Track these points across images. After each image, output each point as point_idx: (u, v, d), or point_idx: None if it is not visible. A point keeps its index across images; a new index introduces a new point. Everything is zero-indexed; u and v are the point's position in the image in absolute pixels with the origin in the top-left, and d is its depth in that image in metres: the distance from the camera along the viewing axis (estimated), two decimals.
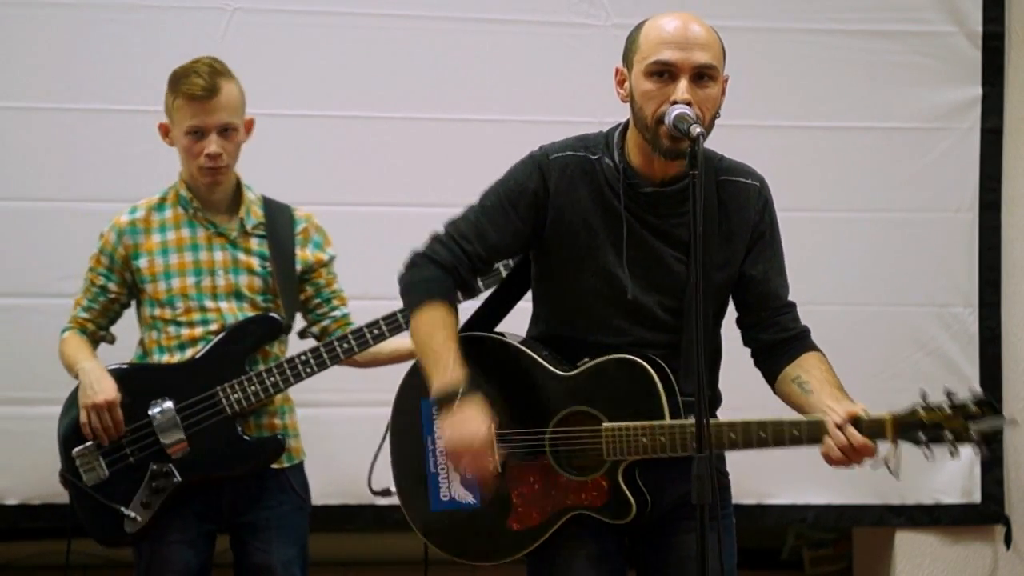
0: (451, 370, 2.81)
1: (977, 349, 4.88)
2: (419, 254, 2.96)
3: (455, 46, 4.69)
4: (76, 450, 3.51)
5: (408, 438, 2.98)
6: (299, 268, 3.64)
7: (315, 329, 3.69)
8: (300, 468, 3.67)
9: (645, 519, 2.92)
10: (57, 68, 4.53)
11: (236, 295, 3.57)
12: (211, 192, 3.58)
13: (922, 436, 2.77)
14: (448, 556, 3.00)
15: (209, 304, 3.55)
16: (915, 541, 4.93)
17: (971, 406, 2.76)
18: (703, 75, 2.82)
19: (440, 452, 2.94)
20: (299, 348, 3.63)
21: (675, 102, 2.78)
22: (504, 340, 2.95)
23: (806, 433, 2.80)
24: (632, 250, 2.89)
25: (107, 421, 3.46)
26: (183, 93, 3.49)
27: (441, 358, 2.83)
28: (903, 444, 2.78)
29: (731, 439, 2.82)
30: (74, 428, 3.52)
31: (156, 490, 3.49)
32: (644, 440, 2.83)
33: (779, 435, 2.81)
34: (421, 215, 4.63)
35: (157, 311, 3.57)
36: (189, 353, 3.54)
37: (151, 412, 3.49)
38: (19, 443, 4.47)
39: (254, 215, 3.62)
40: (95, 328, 3.63)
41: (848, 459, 2.77)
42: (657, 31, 2.84)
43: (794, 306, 3.04)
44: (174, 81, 3.53)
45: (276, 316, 3.58)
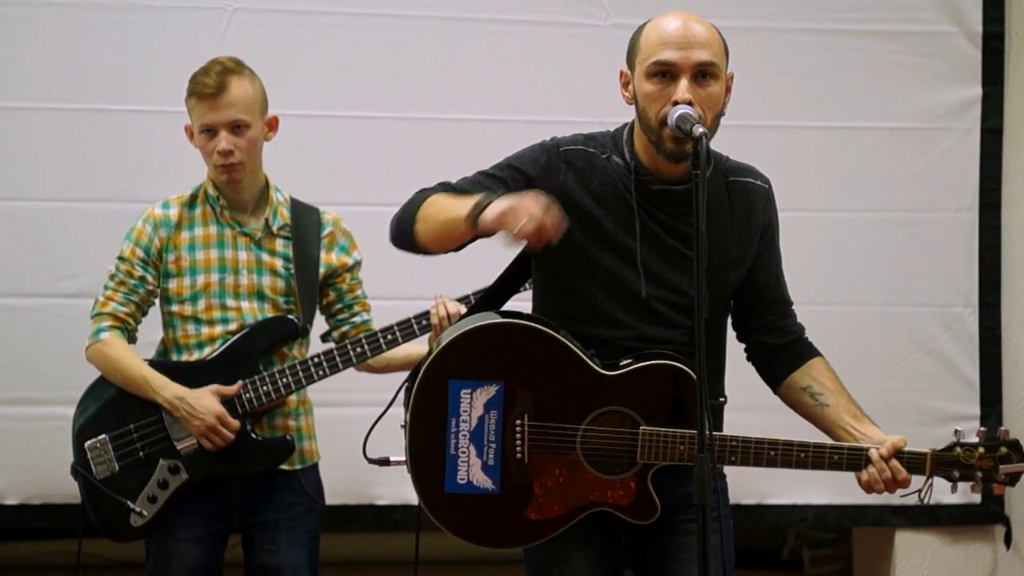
0: (473, 200, 2.75)
1: (977, 349, 4.88)
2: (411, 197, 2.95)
3: (455, 46, 4.69)
4: (88, 443, 3.52)
5: (431, 416, 2.93)
6: (323, 271, 3.65)
7: (335, 334, 3.70)
8: (314, 470, 3.68)
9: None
10: (57, 68, 4.53)
11: (258, 295, 3.58)
12: (237, 192, 3.59)
13: (956, 474, 2.92)
14: (453, 535, 2.98)
15: (231, 303, 3.56)
16: (915, 541, 4.93)
17: (1003, 448, 2.92)
18: (704, 73, 2.81)
19: (463, 435, 2.92)
20: (319, 349, 3.64)
21: (676, 102, 2.78)
22: (551, 334, 2.91)
23: (847, 460, 2.89)
24: (645, 246, 2.89)
25: (229, 435, 3.47)
26: (194, 92, 3.54)
27: (461, 202, 2.78)
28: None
29: (770, 457, 2.88)
30: (90, 422, 3.54)
31: (163, 485, 3.50)
32: (682, 448, 2.85)
33: (819, 459, 2.89)
34: None
35: (176, 307, 3.58)
36: (207, 351, 3.55)
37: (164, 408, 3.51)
38: (19, 443, 4.47)
39: (281, 216, 3.63)
40: (134, 325, 3.60)
41: (884, 489, 2.88)
42: (657, 32, 2.84)
43: (793, 305, 3.06)
44: (190, 82, 3.57)
45: (293, 318, 3.59)
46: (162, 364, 3.58)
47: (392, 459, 3.05)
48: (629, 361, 2.89)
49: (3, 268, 4.51)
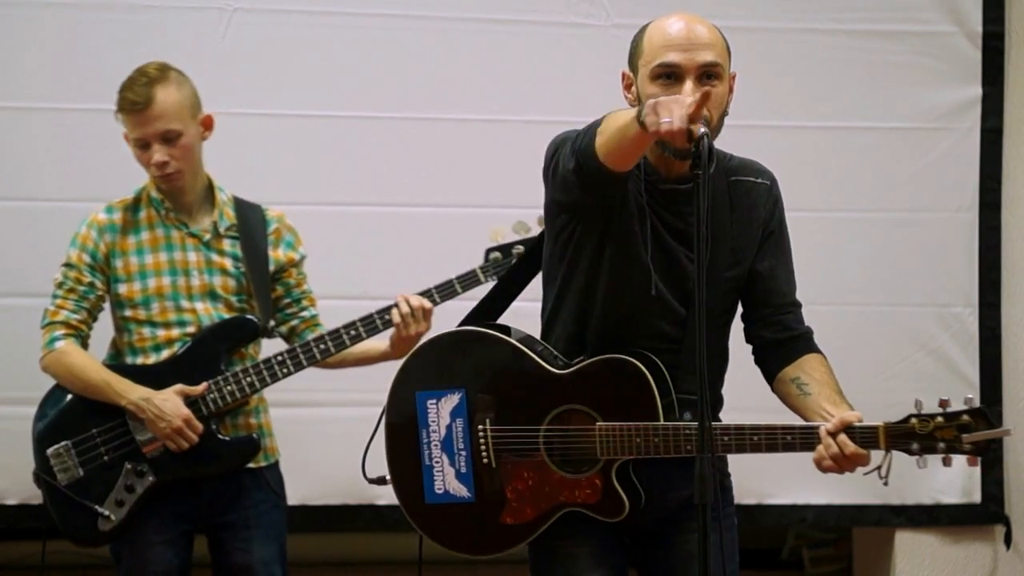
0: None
1: (977, 349, 4.88)
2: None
3: (455, 46, 4.69)
4: (50, 450, 3.52)
5: (403, 431, 2.98)
6: (271, 268, 3.64)
7: (283, 328, 3.69)
8: (276, 467, 3.68)
9: (648, 519, 2.93)
10: (57, 68, 4.53)
11: (211, 295, 3.57)
12: (180, 195, 3.58)
13: (915, 446, 2.80)
14: (440, 547, 3.00)
15: (185, 304, 3.55)
16: (915, 541, 4.93)
17: (965, 417, 2.77)
18: (709, 74, 2.81)
19: (435, 444, 2.95)
20: (271, 347, 3.63)
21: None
22: (499, 336, 2.95)
23: (800, 439, 2.81)
24: (653, 245, 2.89)
25: (193, 437, 3.46)
26: (121, 108, 3.54)
27: (632, 110, 2.71)
28: (896, 452, 2.80)
29: (724, 443, 2.83)
30: (50, 429, 3.54)
31: (130, 489, 3.49)
32: (638, 440, 2.84)
33: (772, 440, 2.81)
34: (422, 215, 4.68)
35: (129, 312, 3.56)
36: (165, 354, 3.54)
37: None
38: (19, 443, 4.43)
39: (227, 217, 3.62)
40: (87, 332, 3.59)
41: (839, 466, 2.78)
42: (660, 33, 2.83)
43: (799, 306, 3.04)
44: (117, 95, 3.56)
45: (254, 318, 3.59)
46: (122, 367, 3.56)
47: (388, 477, 3.05)
48: (581, 358, 2.90)
49: (3, 268, 4.51)
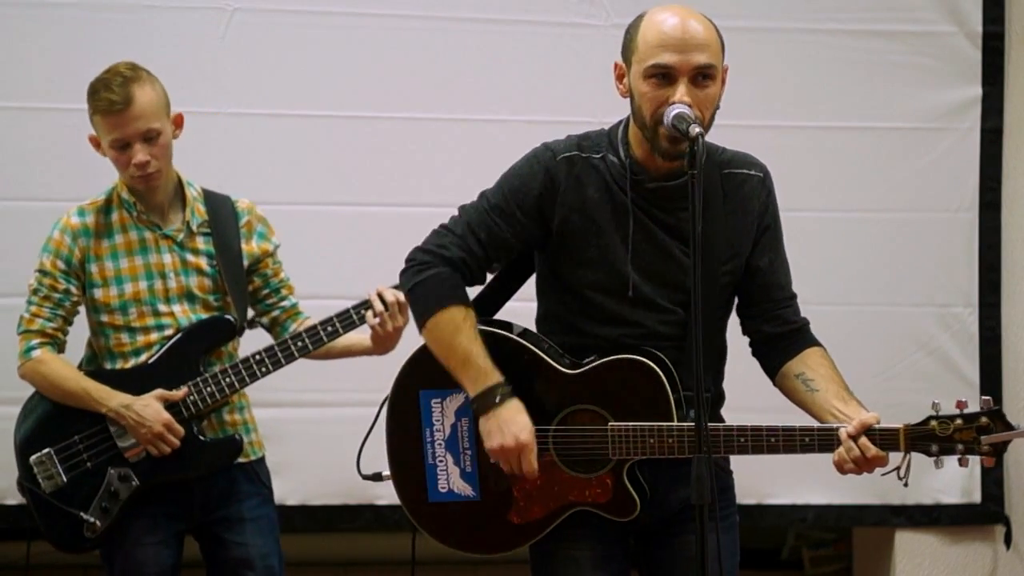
0: (484, 373, 2.83)
1: (977, 349, 4.88)
2: (425, 250, 2.93)
3: (455, 46, 4.69)
4: (33, 458, 3.49)
5: (406, 429, 2.97)
6: (246, 262, 3.61)
7: (264, 320, 3.66)
8: (263, 461, 3.67)
9: (651, 519, 2.92)
10: (57, 68, 4.53)
11: (188, 297, 3.55)
12: (152, 195, 3.55)
13: (934, 448, 2.82)
14: (442, 545, 2.99)
15: (163, 308, 3.52)
16: (915, 541, 4.93)
17: (983, 419, 2.81)
18: (703, 75, 2.80)
19: (439, 444, 2.93)
20: (250, 339, 3.62)
21: (673, 103, 2.77)
22: (506, 335, 2.94)
23: (818, 441, 2.82)
24: (639, 245, 2.88)
25: (175, 441, 3.45)
26: (99, 109, 3.47)
27: (470, 363, 2.84)
28: (914, 453, 2.82)
29: (740, 444, 2.83)
30: (31, 436, 3.51)
31: (114, 494, 3.47)
32: (652, 441, 2.84)
33: (791, 442, 2.82)
34: (421, 215, 4.62)
35: (106, 317, 3.53)
36: (144, 358, 3.52)
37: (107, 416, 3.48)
38: None
39: (198, 213, 3.58)
40: (63, 339, 3.56)
41: (860, 469, 2.80)
42: (655, 32, 2.82)
43: (796, 298, 3.03)
44: (90, 95, 3.50)
45: (230, 317, 3.56)
46: (101, 373, 3.53)
47: (384, 474, 3.05)
48: (592, 358, 2.89)
49: (3, 268, 4.50)
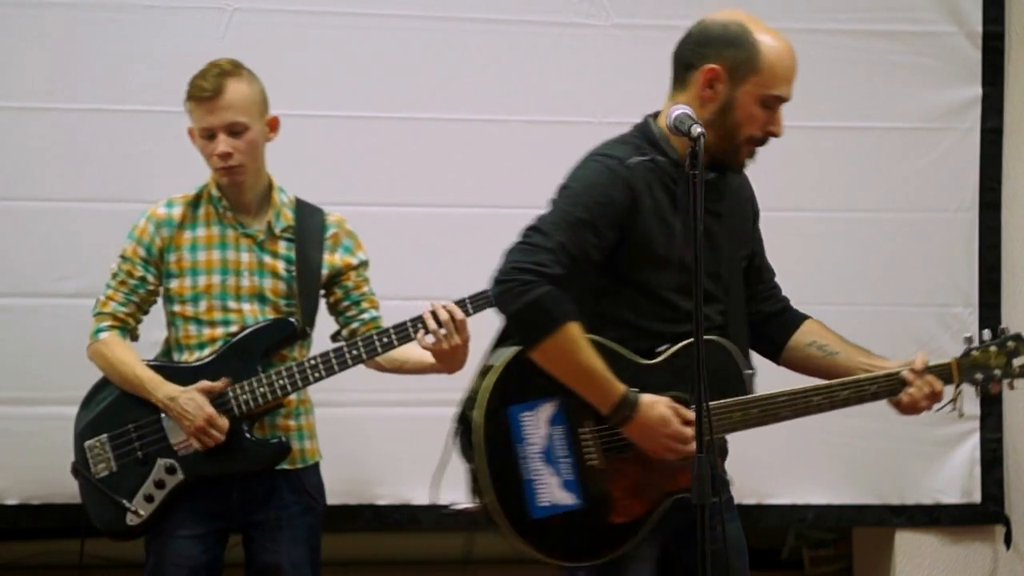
0: (611, 385, 2.89)
1: None
2: (524, 268, 2.87)
3: (455, 46, 4.69)
4: (88, 443, 3.53)
5: (499, 449, 2.95)
6: (326, 273, 3.64)
7: (344, 332, 3.68)
8: (315, 469, 3.67)
9: (684, 515, 2.95)
10: (57, 68, 4.53)
11: (259, 298, 3.58)
12: (239, 193, 3.59)
13: (979, 376, 3.06)
14: (552, 561, 2.97)
15: (232, 304, 3.56)
16: (915, 541, 4.93)
17: (1011, 343, 3.07)
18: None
19: (534, 457, 2.93)
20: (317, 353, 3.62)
21: (773, 134, 2.97)
22: (598, 339, 2.96)
23: (885, 388, 3.01)
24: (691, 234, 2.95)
25: (219, 436, 3.46)
26: (192, 96, 3.54)
27: (594, 377, 2.89)
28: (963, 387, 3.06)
29: (816, 403, 2.97)
30: (91, 422, 3.55)
31: (160, 485, 3.50)
32: (737, 415, 2.94)
33: (860, 393, 3.00)
34: (422, 215, 4.68)
35: (178, 307, 3.58)
36: (207, 352, 3.55)
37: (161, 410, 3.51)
38: (19, 443, 4.47)
39: (284, 218, 3.62)
40: (134, 324, 3.61)
41: (926, 404, 3.02)
42: (782, 65, 2.98)
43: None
44: (188, 85, 3.56)
45: (292, 320, 3.58)
46: (163, 365, 3.58)
47: (459, 507, 3.04)
48: (666, 346, 2.95)
49: (3, 268, 4.51)
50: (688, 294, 2.86)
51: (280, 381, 3.52)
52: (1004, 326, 3.11)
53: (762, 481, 4.72)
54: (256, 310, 3.57)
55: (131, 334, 3.61)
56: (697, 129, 2.72)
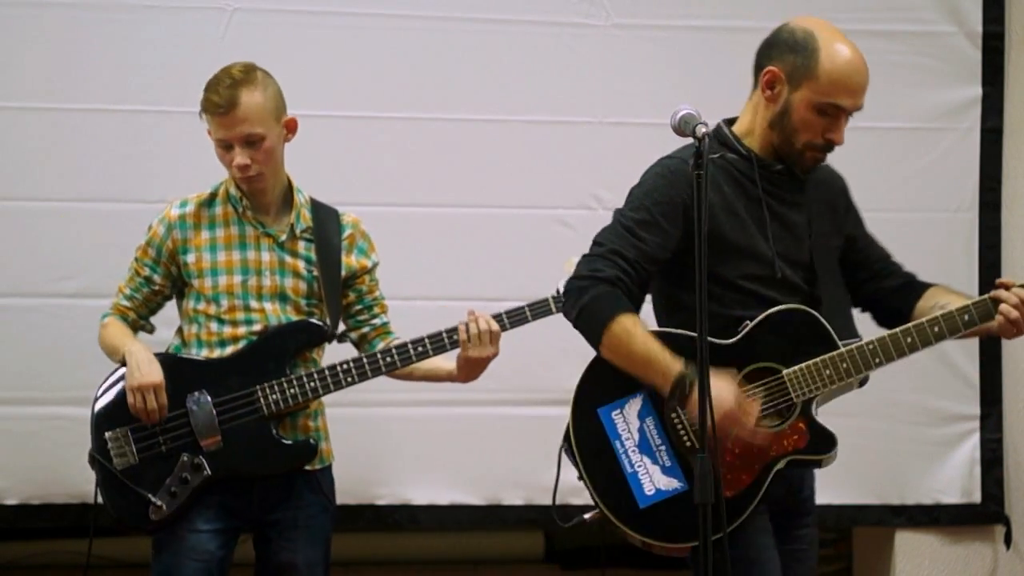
0: (668, 365, 2.93)
1: (977, 349, 4.88)
2: (579, 277, 3.02)
3: (455, 46, 4.69)
4: (109, 433, 3.50)
5: (597, 452, 3.03)
6: (344, 274, 3.64)
7: (354, 335, 3.69)
8: (329, 470, 3.68)
9: (784, 506, 3.08)
10: (57, 68, 4.53)
11: (281, 297, 3.58)
12: (261, 195, 3.59)
13: None
14: (669, 546, 3.02)
15: (254, 304, 3.56)
16: (915, 541, 4.93)
17: None
18: (857, 111, 3.06)
19: (632, 451, 3.01)
20: (334, 351, 3.64)
21: (833, 142, 3.03)
22: (663, 330, 3.05)
23: (978, 312, 3.03)
24: (776, 230, 3.04)
25: (152, 403, 3.45)
26: (206, 109, 3.52)
27: (652, 361, 2.94)
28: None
29: (908, 343, 3.02)
30: (109, 410, 3.52)
31: (184, 481, 3.48)
32: (828, 372, 3.00)
33: (953, 325, 3.02)
34: (422, 215, 4.68)
35: (202, 305, 3.58)
36: (228, 351, 3.55)
37: (188, 403, 3.49)
38: (19, 443, 4.47)
39: (303, 219, 3.62)
40: (136, 317, 3.64)
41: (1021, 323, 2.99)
42: (842, 73, 2.99)
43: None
44: (203, 94, 3.54)
45: (321, 322, 3.59)
46: (190, 359, 3.56)
47: (586, 517, 3.10)
48: (745, 324, 3.01)
49: (3, 268, 4.51)
50: (768, 283, 3.00)
51: (311, 383, 3.52)
52: None
53: None
54: (278, 309, 3.57)
55: (132, 325, 3.63)
56: (702, 129, 2.75)
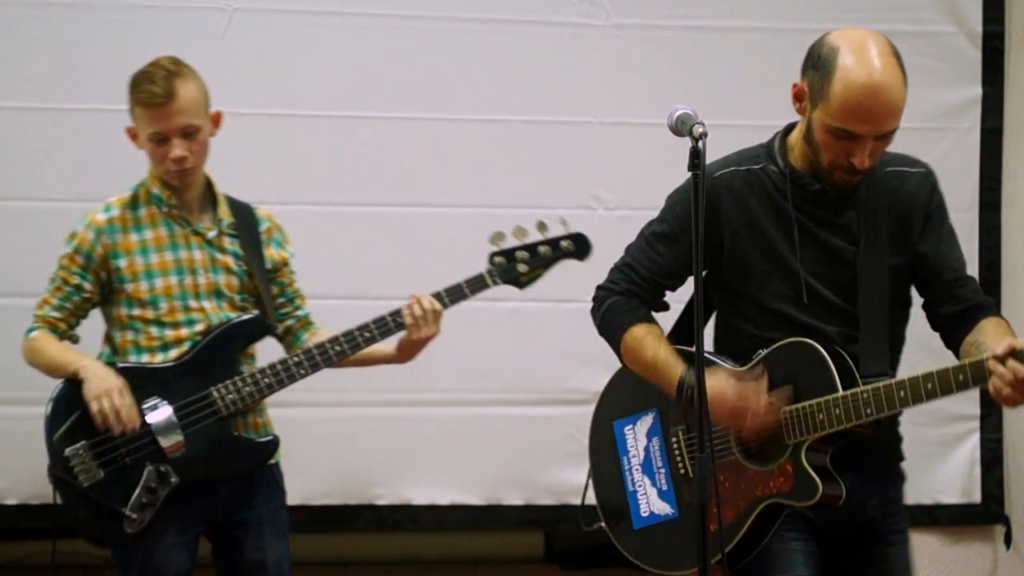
0: (671, 368, 2.92)
1: None
2: (600, 288, 3.10)
3: (455, 46, 4.69)
4: (69, 450, 3.46)
5: (606, 462, 3.05)
6: (268, 267, 3.63)
7: (278, 328, 3.68)
8: (279, 464, 3.68)
9: (847, 523, 2.96)
10: (57, 68, 4.53)
11: (216, 294, 3.56)
12: (185, 191, 3.57)
13: None
14: (657, 571, 3.01)
15: (193, 304, 3.54)
16: (915, 541, 4.92)
17: None
18: (884, 136, 2.90)
19: (636, 469, 3.01)
20: (263, 349, 3.63)
21: (853, 167, 2.86)
22: (684, 348, 2.98)
23: (971, 374, 2.81)
24: (807, 249, 2.95)
25: (121, 402, 3.41)
26: (140, 101, 3.50)
27: (659, 367, 2.95)
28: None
29: (901, 398, 2.85)
30: (68, 428, 3.49)
31: (152, 490, 3.46)
32: (820, 416, 2.87)
33: (946, 383, 2.83)
34: (422, 215, 4.67)
35: (137, 311, 3.54)
36: (173, 353, 3.53)
37: (147, 412, 3.47)
38: (19, 443, 4.47)
39: (225, 214, 3.61)
40: (66, 327, 3.59)
41: (1018, 393, 2.76)
42: (851, 98, 2.84)
43: (973, 280, 3.08)
44: (132, 87, 3.53)
45: (264, 316, 3.58)
46: (138, 367, 3.52)
47: (603, 523, 3.11)
48: (759, 352, 2.94)
49: (3, 268, 4.51)
50: (799, 305, 2.91)
51: (266, 380, 3.51)
52: None
53: None
54: (216, 307, 3.55)
55: (62, 335, 3.59)
56: (699, 129, 2.69)
